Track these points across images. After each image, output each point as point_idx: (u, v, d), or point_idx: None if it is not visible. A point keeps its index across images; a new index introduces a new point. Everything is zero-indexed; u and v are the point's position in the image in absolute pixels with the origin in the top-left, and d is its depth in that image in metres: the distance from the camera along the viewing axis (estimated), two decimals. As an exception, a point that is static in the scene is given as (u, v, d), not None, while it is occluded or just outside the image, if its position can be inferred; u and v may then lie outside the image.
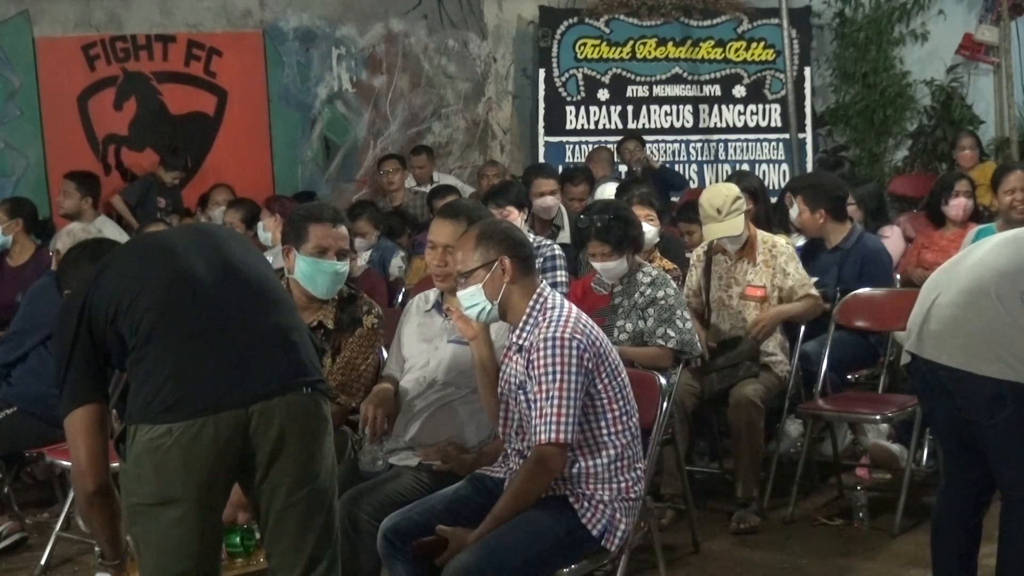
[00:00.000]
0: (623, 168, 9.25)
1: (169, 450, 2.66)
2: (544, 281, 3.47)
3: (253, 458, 2.75)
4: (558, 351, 3.20)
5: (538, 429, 3.20)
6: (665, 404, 3.88)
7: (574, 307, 3.39)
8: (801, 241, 6.06)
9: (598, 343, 3.31)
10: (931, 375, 3.54)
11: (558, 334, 3.23)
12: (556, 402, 3.18)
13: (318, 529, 2.82)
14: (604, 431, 3.31)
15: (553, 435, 3.18)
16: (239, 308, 2.79)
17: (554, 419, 3.18)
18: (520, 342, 3.34)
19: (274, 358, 2.77)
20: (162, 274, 2.84)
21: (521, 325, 3.35)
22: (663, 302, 4.58)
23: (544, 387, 3.20)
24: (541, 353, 3.22)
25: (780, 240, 5.28)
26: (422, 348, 3.83)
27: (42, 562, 4.64)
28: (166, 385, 2.70)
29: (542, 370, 3.21)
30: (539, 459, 3.21)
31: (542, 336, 3.24)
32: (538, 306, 3.34)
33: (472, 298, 3.35)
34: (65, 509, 4.71)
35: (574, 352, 3.21)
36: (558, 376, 3.19)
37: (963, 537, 3.67)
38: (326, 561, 2.85)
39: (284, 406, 2.73)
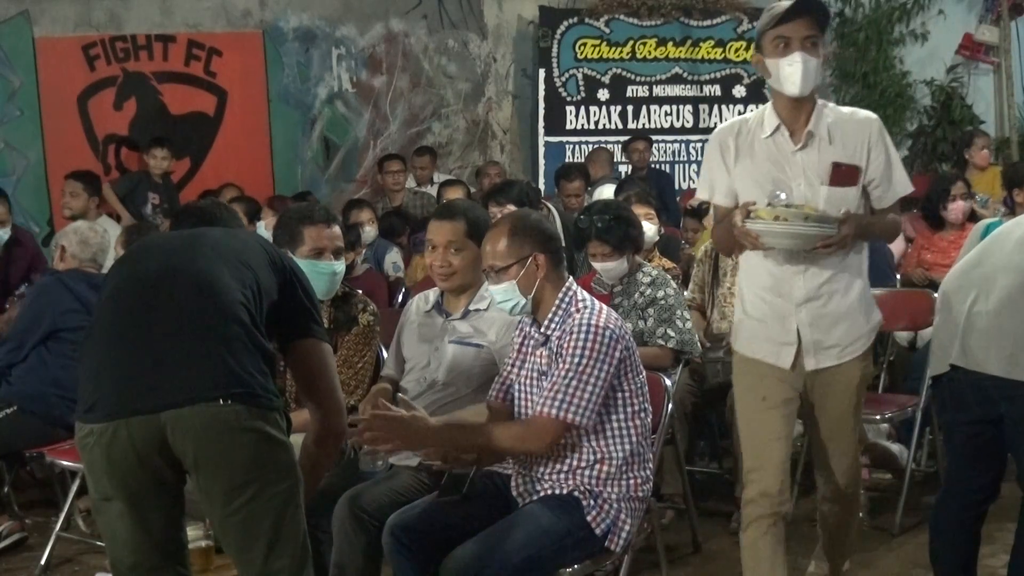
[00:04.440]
0: (623, 168, 9.25)
1: (93, 450, 2.69)
2: (570, 276, 3.46)
3: (182, 464, 2.71)
4: (591, 337, 3.20)
5: (547, 402, 3.19)
6: (669, 404, 3.88)
7: (602, 304, 3.38)
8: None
9: (628, 336, 3.32)
10: (974, 385, 3.46)
11: (593, 322, 3.23)
12: (576, 383, 3.18)
13: (266, 538, 2.73)
14: (623, 425, 3.31)
15: (562, 413, 3.17)
16: (168, 316, 2.74)
17: (567, 399, 3.17)
18: (548, 333, 3.33)
19: (190, 368, 2.68)
20: (121, 275, 2.90)
21: (550, 317, 3.33)
22: (663, 302, 4.58)
23: (566, 366, 3.20)
24: (572, 337, 3.22)
25: None
26: (422, 349, 3.82)
27: (42, 562, 4.63)
28: (88, 385, 2.74)
29: (569, 351, 3.21)
30: (542, 429, 3.21)
31: (576, 323, 3.24)
32: (567, 298, 3.33)
33: (505, 293, 3.33)
34: (65, 509, 4.71)
35: (606, 342, 3.21)
36: (584, 360, 3.19)
37: (964, 541, 3.64)
38: (285, 572, 2.76)
39: (197, 416, 2.65)
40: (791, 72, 3.32)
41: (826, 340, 3.48)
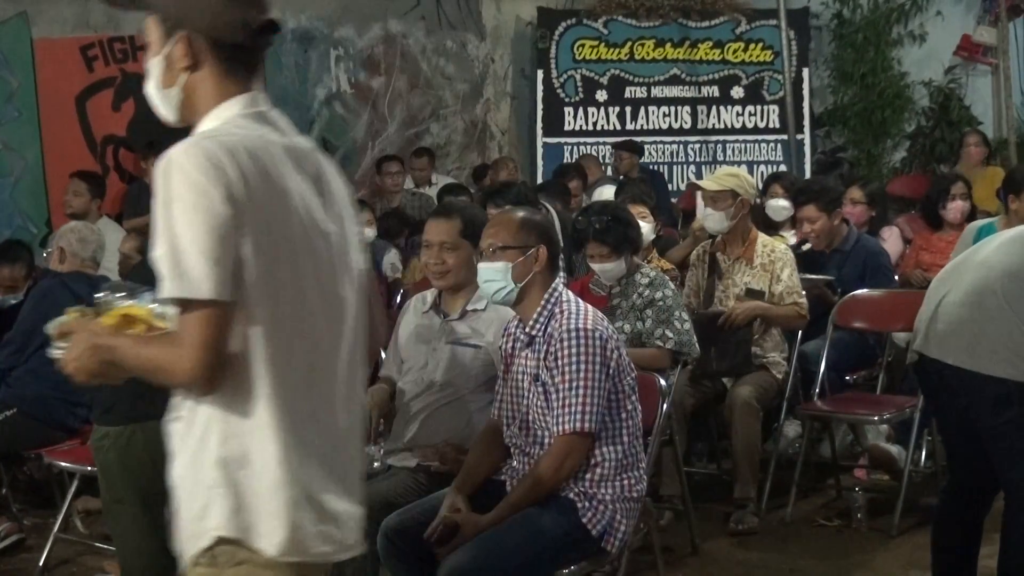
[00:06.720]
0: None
1: (108, 453, 2.69)
2: (559, 279, 3.48)
3: None
4: (582, 342, 3.23)
5: (561, 419, 3.21)
6: (665, 405, 3.88)
7: (587, 304, 3.41)
8: (793, 240, 6.06)
9: (615, 335, 3.35)
10: (937, 374, 3.53)
11: (580, 325, 3.26)
12: (582, 392, 3.20)
13: None
14: (616, 427, 3.32)
15: (579, 424, 3.19)
16: None
17: (579, 409, 3.19)
18: (532, 333, 3.34)
19: None
20: (143, 273, 2.88)
21: (535, 318, 3.34)
22: (661, 303, 4.58)
23: (568, 377, 3.22)
24: (564, 344, 3.24)
25: (780, 246, 5.28)
26: (420, 349, 3.83)
27: (40, 563, 4.62)
28: (106, 388, 2.76)
29: (566, 360, 3.23)
30: (566, 448, 3.22)
31: (564, 328, 3.26)
32: (553, 299, 3.35)
33: (496, 274, 3.34)
34: (64, 510, 4.70)
35: (597, 343, 3.24)
36: (583, 367, 3.21)
37: (963, 537, 3.66)
38: None
39: None
40: None
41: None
